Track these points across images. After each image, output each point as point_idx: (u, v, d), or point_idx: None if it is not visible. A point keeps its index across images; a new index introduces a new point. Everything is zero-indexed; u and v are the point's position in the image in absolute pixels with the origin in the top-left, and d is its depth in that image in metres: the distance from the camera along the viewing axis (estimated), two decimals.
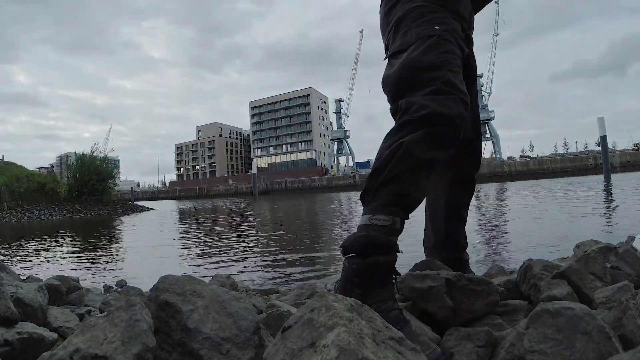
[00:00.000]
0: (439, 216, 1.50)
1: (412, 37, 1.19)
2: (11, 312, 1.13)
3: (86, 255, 5.85)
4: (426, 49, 1.13)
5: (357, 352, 0.60)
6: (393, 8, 1.31)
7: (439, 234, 1.50)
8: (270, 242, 6.28)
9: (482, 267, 3.06)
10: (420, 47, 1.14)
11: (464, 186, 1.48)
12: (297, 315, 0.79)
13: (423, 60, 1.12)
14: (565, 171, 34.55)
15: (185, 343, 0.85)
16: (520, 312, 1.18)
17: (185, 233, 8.84)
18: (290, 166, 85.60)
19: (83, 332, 0.78)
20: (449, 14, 1.24)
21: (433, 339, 0.99)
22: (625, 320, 0.83)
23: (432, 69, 1.09)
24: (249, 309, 0.96)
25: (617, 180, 17.96)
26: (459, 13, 1.29)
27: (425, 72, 1.10)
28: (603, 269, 1.28)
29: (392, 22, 1.29)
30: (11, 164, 27.46)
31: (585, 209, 7.36)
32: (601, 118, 22.25)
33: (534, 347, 0.76)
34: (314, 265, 4.05)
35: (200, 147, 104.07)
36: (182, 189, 69.89)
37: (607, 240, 2.25)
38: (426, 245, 1.59)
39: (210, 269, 4.15)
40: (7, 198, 19.44)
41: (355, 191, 35.48)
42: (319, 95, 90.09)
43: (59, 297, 1.92)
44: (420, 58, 1.12)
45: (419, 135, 1.03)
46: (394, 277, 1.05)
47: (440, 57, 1.11)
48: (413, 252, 1.99)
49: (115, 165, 76.93)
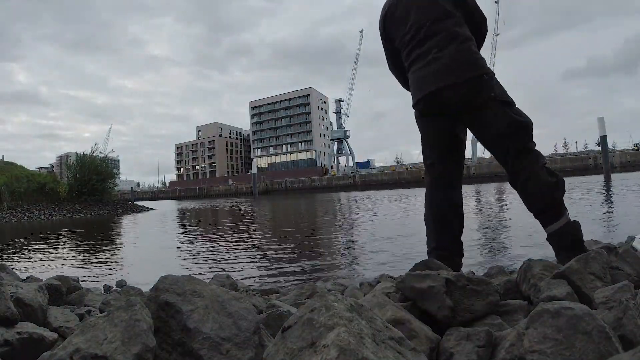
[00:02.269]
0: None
1: (508, 95, 1.72)
2: (11, 312, 1.13)
3: (86, 255, 5.85)
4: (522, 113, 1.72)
5: (357, 352, 0.60)
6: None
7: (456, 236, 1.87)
8: (270, 242, 6.28)
9: (482, 267, 3.06)
10: (521, 111, 1.71)
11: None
12: (297, 315, 0.79)
13: (530, 121, 1.68)
14: (565, 171, 34.53)
15: (185, 343, 0.85)
16: (520, 312, 1.18)
17: (185, 233, 8.84)
18: (290, 166, 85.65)
19: (83, 332, 0.78)
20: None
21: (433, 338, 0.99)
22: (625, 320, 0.83)
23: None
24: (249, 309, 0.97)
25: (617, 180, 17.96)
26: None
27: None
28: (603, 269, 1.28)
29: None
30: (11, 164, 27.46)
31: (585, 209, 7.36)
32: (601, 118, 22.28)
33: (534, 347, 0.76)
34: (314, 265, 4.05)
35: (200, 147, 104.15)
36: (182, 189, 69.94)
37: (607, 240, 2.25)
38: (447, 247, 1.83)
39: (210, 269, 4.15)
40: (7, 198, 19.44)
41: (355, 191, 35.48)
42: (319, 95, 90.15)
43: (59, 297, 1.92)
44: (528, 119, 1.68)
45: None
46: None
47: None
48: (416, 252, 1.99)
49: (115, 165, 77.03)
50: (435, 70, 1.70)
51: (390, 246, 4.80)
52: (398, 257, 4.01)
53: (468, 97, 1.66)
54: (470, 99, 1.66)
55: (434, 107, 1.76)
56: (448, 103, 1.70)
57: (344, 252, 4.84)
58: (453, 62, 1.67)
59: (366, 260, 4.06)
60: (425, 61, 1.74)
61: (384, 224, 7.65)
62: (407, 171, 49.35)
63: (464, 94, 1.66)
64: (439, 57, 1.70)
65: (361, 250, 4.77)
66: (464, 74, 1.65)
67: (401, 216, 9.27)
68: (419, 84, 1.77)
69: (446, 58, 1.68)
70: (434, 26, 1.74)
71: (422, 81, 1.75)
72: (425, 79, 1.73)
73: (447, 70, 1.67)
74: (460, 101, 1.68)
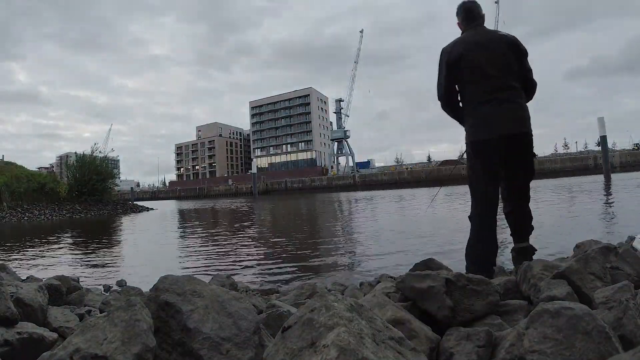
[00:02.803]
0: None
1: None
2: (11, 312, 1.13)
3: (86, 255, 5.85)
4: None
5: (357, 352, 0.60)
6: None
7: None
8: (270, 242, 6.28)
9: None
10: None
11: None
12: (297, 315, 0.79)
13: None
14: (565, 171, 34.49)
15: (185, 343, 0.85)
16: (520, 312, 1.18)
17: (185, 233, 8.85)
18: (290, 166, 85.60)
19: (83, 332, 0.78)
20: None
21: (433, 338, 0.99)
22: (625, 320, 0.83)
23: None
24: (249, 309, 0.97)
25: (617, 180, 17.96)
26: None
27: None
28: (603, 269, 1.28)
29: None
30: (11, 164, 27.41)
31: (585, 209, 7.36)
32: (601, 118, 22.26)
33: (534, 347, 0.76)
34: (314, 265, 4.05)
35: (200, 147, 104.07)
36: (182, 189, 69.89)
37: (607, 240, 2.26)
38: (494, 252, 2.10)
39: (210, 269, 4.15)
40: (7, 198, 19.44)
41: (355, 191, 35.48)
42: (319, 95, 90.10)
43: (59, 297, 1.92)
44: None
45: None
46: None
47: None
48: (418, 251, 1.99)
49: (115, 165, 76.91)
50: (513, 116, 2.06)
51: (391, 246, 4.80)
52: (398, 257, 4.01)
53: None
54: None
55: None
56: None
57: (344, 252, 4.84)
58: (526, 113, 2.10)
59: (366, 260, 4.06)
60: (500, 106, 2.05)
61: (383, 224, 7.65)
62: (407, 171, 49.33)
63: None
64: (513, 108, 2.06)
65: (361, 250, 4.77)
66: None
67: (401, 216, 9.27)
68: (492, 122, 2.06)
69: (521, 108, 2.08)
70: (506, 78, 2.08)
71: (496, 121, 2.05)
72: (500, 120, 2.04)
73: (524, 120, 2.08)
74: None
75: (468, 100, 2.15)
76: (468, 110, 2.15)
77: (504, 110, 2.01)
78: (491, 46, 2.10)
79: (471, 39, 2.15)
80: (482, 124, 2.06)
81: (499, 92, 2.04)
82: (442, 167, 44.49)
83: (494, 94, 2.04)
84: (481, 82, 2.07)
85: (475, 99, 2.09)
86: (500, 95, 2.03)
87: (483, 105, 2.05)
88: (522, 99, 2.09)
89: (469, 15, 2.25)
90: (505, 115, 2.01)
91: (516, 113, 2.03)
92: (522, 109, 2.06)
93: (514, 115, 2.02)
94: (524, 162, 2.09)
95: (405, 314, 1.05)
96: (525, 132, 2.05)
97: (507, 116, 2.01)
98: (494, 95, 2.03)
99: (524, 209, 2.16)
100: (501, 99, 2.03)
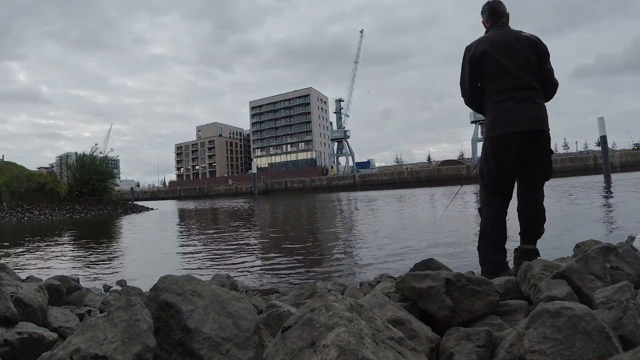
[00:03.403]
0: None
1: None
2: (11, 312, 1.13)
3: (86, 255, 5.85)
4: None
5: (357, 352, 0.60)
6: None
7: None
8: (271, 242, 6.28)
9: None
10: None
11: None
12: (297, 315, 0.79)
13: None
14: (565, 171, 34.48)
15: (185, 343, 0.85)
16: (520, 312, 1.18)
17: (185, 233, 8.85)
18: (290, 166, 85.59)
19: (83, 332, 0.78)
20: None
21: (433, 338, 0.99)
22: (625, 320, 0.83)
23: None
24: (249, 309, 0.97)
25: (617, 180, 17.96)
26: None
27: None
28: (603, 269, 1.28)
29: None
30: (11, 164, 27.42)
31: (586, 209, 7.36)
32: (601, 118, 22.25)
33: (534, 347, 0.76)
34: (314, 265, 4.05)
35: (200, 147, 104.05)
36: (182, 189, 69.89)
37: (607, 240, 2.25)
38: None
39: (210, 269, 4.15)
40: (7, 198, 19.44)
41: (355, 191, 35.48)
42: (319, 95, 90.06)
43: (59, 297, 1.92)
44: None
45: None
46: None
47: None
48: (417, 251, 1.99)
49: (115, 165, 76.86)
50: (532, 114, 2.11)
51: (391, 246, 4.80)
52: (398, 257, 4.01)
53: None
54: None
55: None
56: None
57: (344, 252, 4.84)
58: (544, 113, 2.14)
59: (366, 260, 4.06)
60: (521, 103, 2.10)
61: (383, 224, 7.65)
62: (407, 171, 49.31)
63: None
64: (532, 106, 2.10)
65: (361, 250, 4.77)
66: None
67: (401, 216, 9.27)
68: (511, 119, 2.11)
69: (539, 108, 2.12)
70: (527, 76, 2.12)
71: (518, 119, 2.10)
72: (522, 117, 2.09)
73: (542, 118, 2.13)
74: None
75: (489, 96, 2.19)
76: (488, 107, 2.19)
77: (523, 108, 2.06)
78: (514, 45, 2.14)
79: (495, 37, 2.19)
80: (501, 120, 2.10)
81: (519, 91, 2.09)
82: (442, 167, 44.47)
83: (515, 92, 2.08)
84: (502, 80, 2.11)
85: (496, 95, 2.14)
86: (521, 94, 2.08)
87: (503, 102, 2.10)
88: (541, 98, 2.14)
89: (493, 14, 2.29)
90: (525, 113, 2.06)
91: (535, 111, 2.08)
92: (540, 108, 2.11)
93: (532, 113, 2.07)
94: (541, 160, 2.13)
95: (405, 314, 1.05)
96: (543, 130, 2.10)
97: (526, 114, 2.06)
98: (515, 93, 2.08)
99: (537, 209, 2.17)
100: (521, 97, 2.08)
